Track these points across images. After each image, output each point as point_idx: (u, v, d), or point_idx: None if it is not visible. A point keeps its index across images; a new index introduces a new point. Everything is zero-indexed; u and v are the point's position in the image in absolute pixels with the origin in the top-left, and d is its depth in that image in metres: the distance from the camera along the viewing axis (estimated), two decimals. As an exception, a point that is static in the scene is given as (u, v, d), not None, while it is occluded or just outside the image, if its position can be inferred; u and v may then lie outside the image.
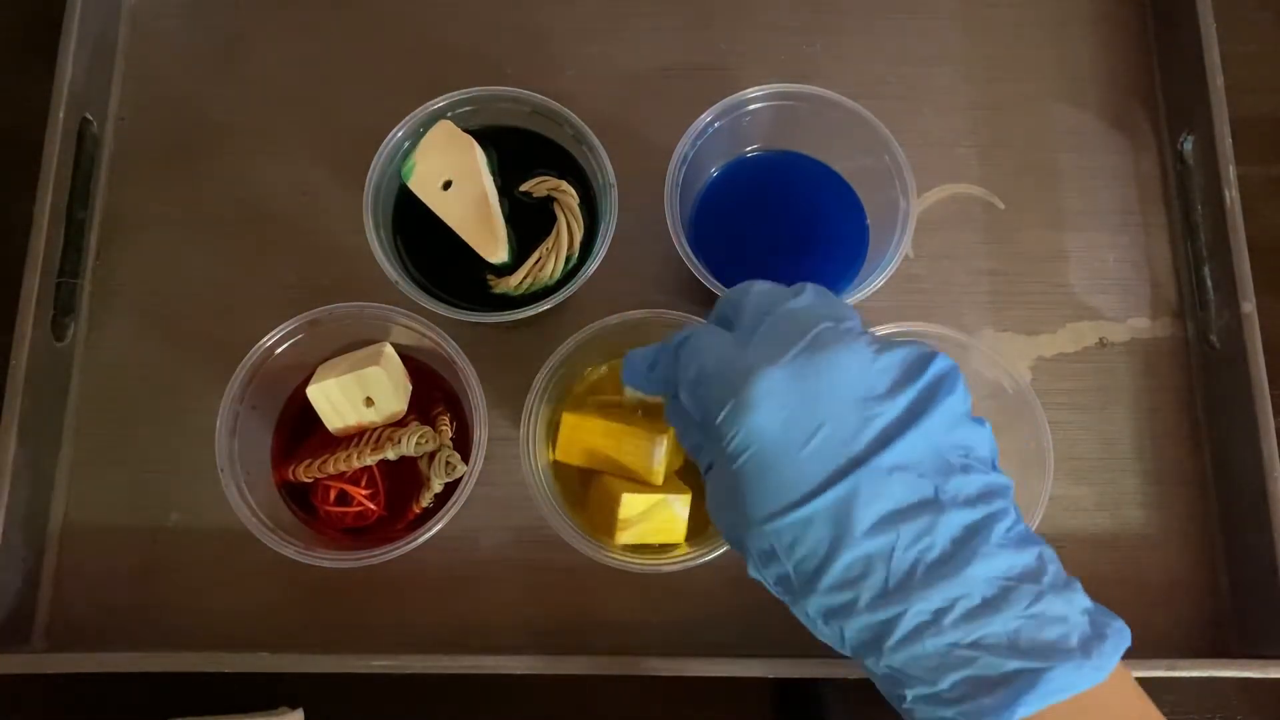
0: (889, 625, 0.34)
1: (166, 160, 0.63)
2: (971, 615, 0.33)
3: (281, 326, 0.53)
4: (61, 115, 0.59)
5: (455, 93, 0.56)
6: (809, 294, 0.40)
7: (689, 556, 0.50)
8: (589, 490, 0.54)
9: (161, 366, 0.60)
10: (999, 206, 0.63)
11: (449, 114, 0.57)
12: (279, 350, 0.54)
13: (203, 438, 0.52)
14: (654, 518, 0.51)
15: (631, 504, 0.50)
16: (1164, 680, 0.55)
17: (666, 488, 0.51)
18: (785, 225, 0.60)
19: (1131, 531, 0.58)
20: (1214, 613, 0.57)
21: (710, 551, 0.50)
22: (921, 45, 0.66)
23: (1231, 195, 0.58)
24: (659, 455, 0.51)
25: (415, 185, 0.56)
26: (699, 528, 0.52)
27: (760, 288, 0.41)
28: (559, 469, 0.54)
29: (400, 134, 0.56)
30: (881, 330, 0.54)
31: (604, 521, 0.51)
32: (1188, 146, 0.62)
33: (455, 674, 0.53)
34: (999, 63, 0.66)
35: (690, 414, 0.40)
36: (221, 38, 0.65)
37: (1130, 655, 0.54)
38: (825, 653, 0.54)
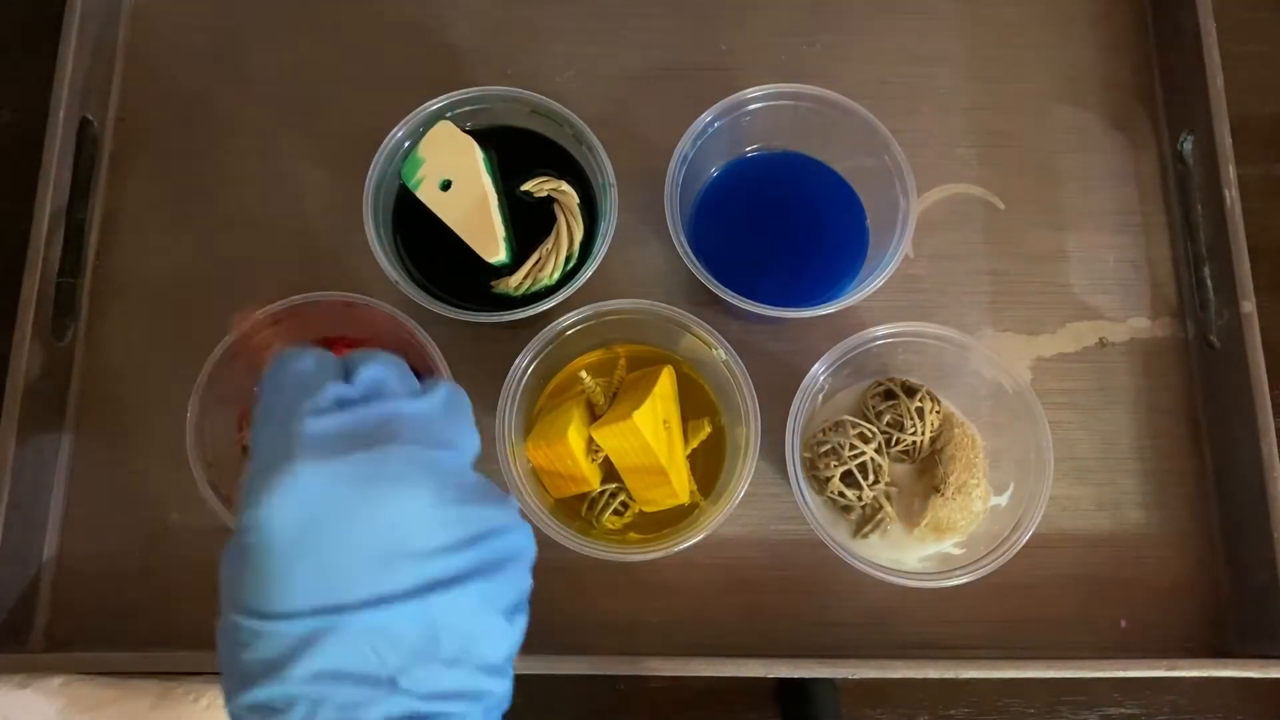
0: None
1: (166, 160, 0.63)
2: None
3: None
4: (61, 115, 0.59)
5: (455, 93, 0.56)
6: (438, 403, 0.35)
7: (674, 543, 0.51)
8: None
9: (161, 366, 0.59)
10: (999, 206, 0.63)
11: (449, 114, 0.57)
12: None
13: (203, 438, 0.52)
14: (559, 461, 0.53)
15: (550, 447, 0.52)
16: (1164, 680, 0.55)
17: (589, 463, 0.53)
18: (785, 225, 0.60)
19: (1131, 531, 0.58)
20: (1214, 613, 0.57)
21: (690, 538, 0.51)
22: (921, 45, 0.66)
23: (1231, 195, 0.58)
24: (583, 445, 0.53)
25: (415, 185, 0.56)
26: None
27: (395, 371, 0.36)
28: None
29: (400, 134, 0.56)
30: (881, 330, 0.54)
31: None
32: (1188, 146, 0.62)
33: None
34: (999, 63, 0.66)
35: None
36: (221, 37, 0.65)
37: (1131, 655, 0.55)
38: (824, 653, 0.55)
